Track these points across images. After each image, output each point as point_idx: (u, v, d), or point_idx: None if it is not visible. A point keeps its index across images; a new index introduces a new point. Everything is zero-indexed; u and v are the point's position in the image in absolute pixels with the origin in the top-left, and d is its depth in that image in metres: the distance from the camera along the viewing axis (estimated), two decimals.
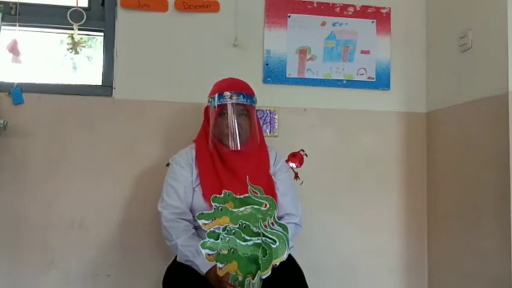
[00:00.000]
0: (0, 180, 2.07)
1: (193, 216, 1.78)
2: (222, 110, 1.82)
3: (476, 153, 2.02)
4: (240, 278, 1.30)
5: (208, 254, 1.30)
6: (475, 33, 2.05)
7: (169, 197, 1.81)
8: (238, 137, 1.81)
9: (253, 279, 1.28)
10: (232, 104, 1.81)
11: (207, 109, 1.91)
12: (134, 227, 2.15)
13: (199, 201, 1.78)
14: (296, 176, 2.28)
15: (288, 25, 2.31)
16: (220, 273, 1.31)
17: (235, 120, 1.81)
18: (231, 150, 1.82)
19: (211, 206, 1.34)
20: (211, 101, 1.86)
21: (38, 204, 2.10)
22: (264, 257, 1.28)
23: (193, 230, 1.78)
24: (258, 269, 1.28)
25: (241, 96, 1.83)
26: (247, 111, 1.86)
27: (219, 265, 1.30)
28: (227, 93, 1.83)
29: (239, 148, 1.82)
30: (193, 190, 1.82)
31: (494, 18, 1.92)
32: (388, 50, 2.39)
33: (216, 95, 1.84)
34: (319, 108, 2.34)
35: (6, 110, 2.07)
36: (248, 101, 1.85)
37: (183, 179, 1.83)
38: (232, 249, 1.29)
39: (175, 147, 1.97)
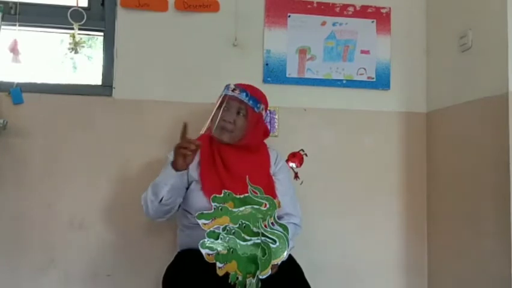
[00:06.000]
0: (0, 180, 2.07)
1: (192, 214, 1.77)
2: (222, 101, 1.80)
3: (476, 153, 2.02)
4: (240, 278, 1.30)
5: (208, 254, 1.30)
6: (475, 33, 2.05)
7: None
8: (227, 130, 1.80)
9: (253, 279, 1.28)
10: (231, 96, 1.80)
11: None
12: (134, 227, 2.15)
13: (199, 197, 1.76)
14: (296, 176, 2.28)
15: (288, 25, 2.31)
16: (220, 272, 1.31)
17: (230, 111, 1.80)
18: (223, 143, 1.81)
19: (209, 200, 1.34)
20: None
21: (38, 204, 2.10)
22: (263, 256, 1.28)
23: None
24: (258, 268, 1.28)
25: (244, 94, 1.81)
26: (246, 111, 1.82)
27: (219, 265, 1.30)
28: (231, 86, 1.83)
29: (224, 141, 1.81)
30: (191, 189, 1.80)
31: (494, 18, 1.92)
32: (388, 50, 2.39)
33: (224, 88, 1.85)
34: (319, 108, 2.34)
35: (6, 110, 2.07)
36: (251, 102, 1.82)
37: None
38: (231, 249, 1.29)
39: None
